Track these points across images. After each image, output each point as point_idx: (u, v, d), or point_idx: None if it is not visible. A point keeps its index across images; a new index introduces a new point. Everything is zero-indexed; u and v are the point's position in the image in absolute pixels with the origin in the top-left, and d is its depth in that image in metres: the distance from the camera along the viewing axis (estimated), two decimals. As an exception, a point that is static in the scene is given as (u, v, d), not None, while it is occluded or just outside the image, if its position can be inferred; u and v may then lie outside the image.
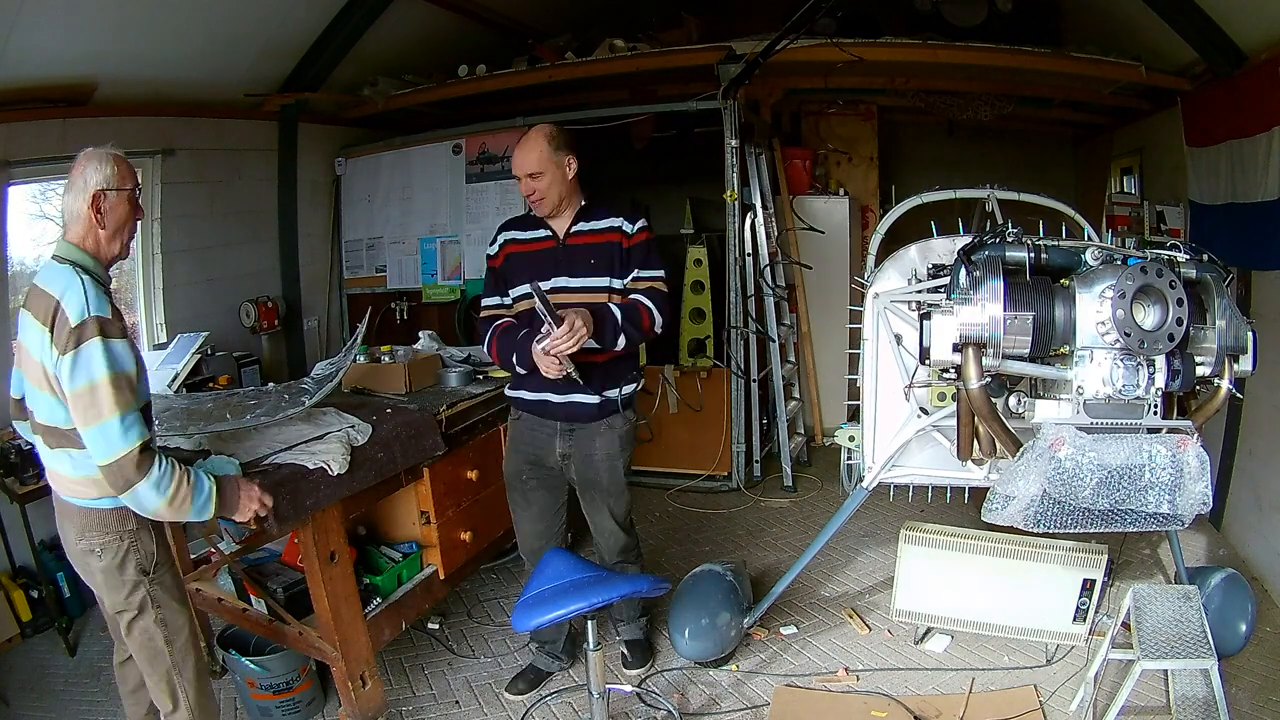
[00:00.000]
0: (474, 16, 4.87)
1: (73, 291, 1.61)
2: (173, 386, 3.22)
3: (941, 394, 2.40)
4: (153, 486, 1.62)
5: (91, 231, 1.72)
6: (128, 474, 1.59)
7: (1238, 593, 2.63)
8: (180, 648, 1.84)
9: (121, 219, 1.76)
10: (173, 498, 1.65)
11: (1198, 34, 3.44)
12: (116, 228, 1.75)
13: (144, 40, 3.46)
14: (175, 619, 1.83)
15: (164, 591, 1.81)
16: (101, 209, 1.72)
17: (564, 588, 2.03)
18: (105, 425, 1.57)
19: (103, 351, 1.58)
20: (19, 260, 3.58)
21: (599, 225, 2.46)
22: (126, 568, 1.76)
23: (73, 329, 1.58)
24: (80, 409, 1.59)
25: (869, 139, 5.78)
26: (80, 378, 1.58)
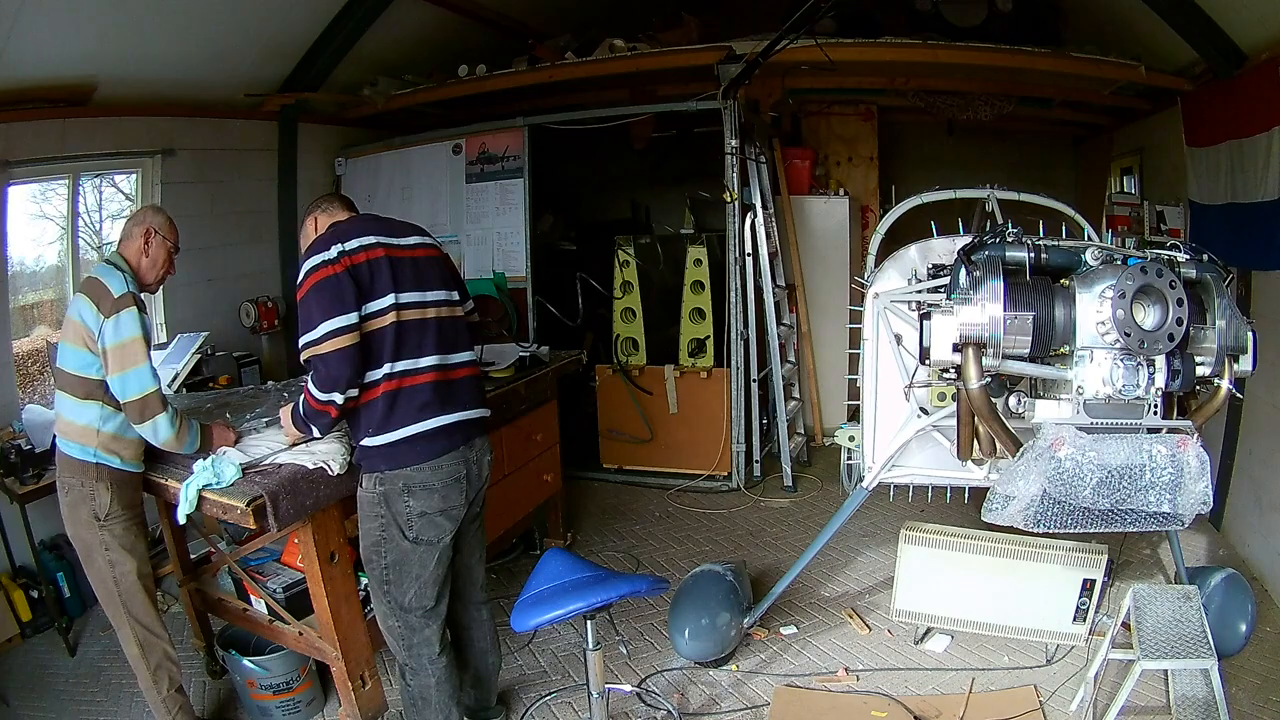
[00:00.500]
0: (474, 16, 4.87)
1: (117, 278, 2.14)
2: (173, 386, 3.21)
3: (941, 394, 2.40)
4: (168, 420, 2.11)
5: (138, 256, 2.26)
6: (153, 407, 2.08)
7: (1238, 593, 2.63)
8: (127, 587, 2.21)
9: (159, 260, 2.30)
10: (178, 432, 2.14)
11: (1198, 34, 3.44)
12: (153, 264, 2.28)
13: (144, 40, 3.46)
14: (123, 563, 2.20)
15: (113, 538, 2.18)
16: (150, 242, 2.27)
17: (563, 588, 2.03)
18: (139, 369, 2.08)
19: (138, 317, 2.11)
20: (19, 260, 3.58)
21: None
22: (80, 510, 2.16)
23: (115, 299, 2.09)
24: (119, 357, 2.06)
25: (869, 139, 5.78)
26: (122, 333, 2.07)
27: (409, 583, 2.11)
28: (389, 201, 5.06)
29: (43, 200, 3.67)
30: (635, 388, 4.72)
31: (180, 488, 2.08)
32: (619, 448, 4.82)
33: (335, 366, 1.92)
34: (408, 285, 2.06)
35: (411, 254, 2.13)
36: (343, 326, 1.92)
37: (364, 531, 2.13)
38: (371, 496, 2.08)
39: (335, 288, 1.94)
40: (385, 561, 2.11)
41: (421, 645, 2.17)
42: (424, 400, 2.06)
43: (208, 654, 2.83)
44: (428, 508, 2.07)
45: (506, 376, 3.19)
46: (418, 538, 2.08)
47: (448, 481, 2.09)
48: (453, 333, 2.17)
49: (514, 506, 3.27)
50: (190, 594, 2.78)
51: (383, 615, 2.19)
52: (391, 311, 2.01)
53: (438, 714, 2.23)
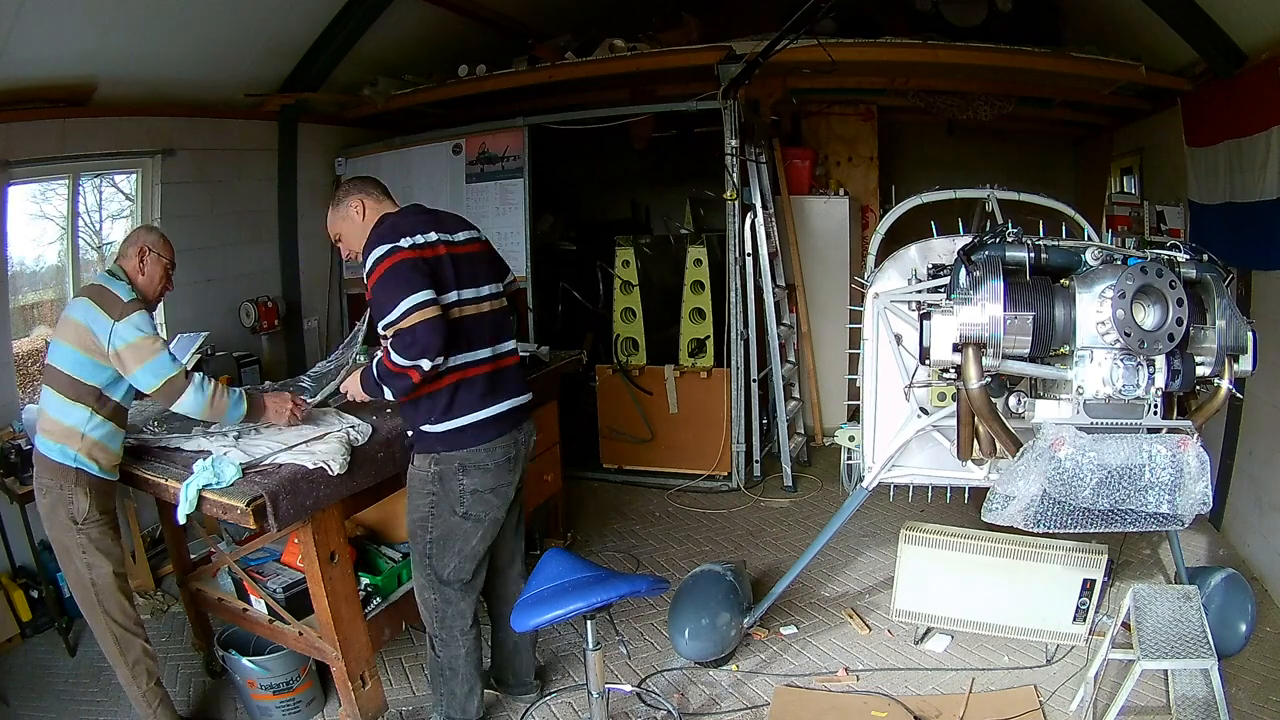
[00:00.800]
0: (474, 16, 4.87)
1: (124, 286, 2.23)
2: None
3: (941, 394, 2.40)
4: (196, 388, 2.18)
5: (136, 272, 2.32)
6: (179, 385, 2.16)
7: (1238, 593, 2.63)
8: (103, 588, 2.25)
9: (155, 277, 2.36)
10: (212, 397, 2.21)
11: (1198, 34, 3.44)
12: (150, 281, 2.34)
13: (144, 40, 3.46)
14: (99, 565, 2.23)
15: (89, 541, 2.21)
16: (145, 260, 2.33)
17: (563, 587, 2.03)
18: (158, 358, 2.15)
19: (147, 317, 2.20)
20: (19, 260, 3.58)
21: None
22: (58, 513, 2.20)
23: (125, 304, 2.17)
24: (135, 354, 2.13)
25: (869, 139, 5.78)
26: (134, 333, 2.14)
27: (451, 556, 2.22)
28: (389, 201, 5.06)
29: (43, 200, 3.67)
30: (635, 388, 4.72)
31: (180, 488, 2.09)
32: (619, 448, 4.82)
33: (424, 335, 1.98)
34: (466, 282, 2.18)
35: (466, 250, 2.24)
36: (425, 300, 2.00)
37: (412, 506, 2.23)
38: (426, 474, 2.18)
39: (413, 269, 2.03)
40: (431, 536, 2.21)
41: (455, 617, 2.28)
42: (482, 390, 2.18)
43: (208, 654, 2.82)
44: (480, 485, 2.19)
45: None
46: (467, 513, 2.20)
47: (500, 462, 2.22)
48: (503, 323, 2.30)
49: (514, 506, 3.27)
50: (190, 594, 2.77)
51: (420, 588, 2.30)
52: (455, 307, 2.12)
53: (464, 684, 2.34)
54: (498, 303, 2.29)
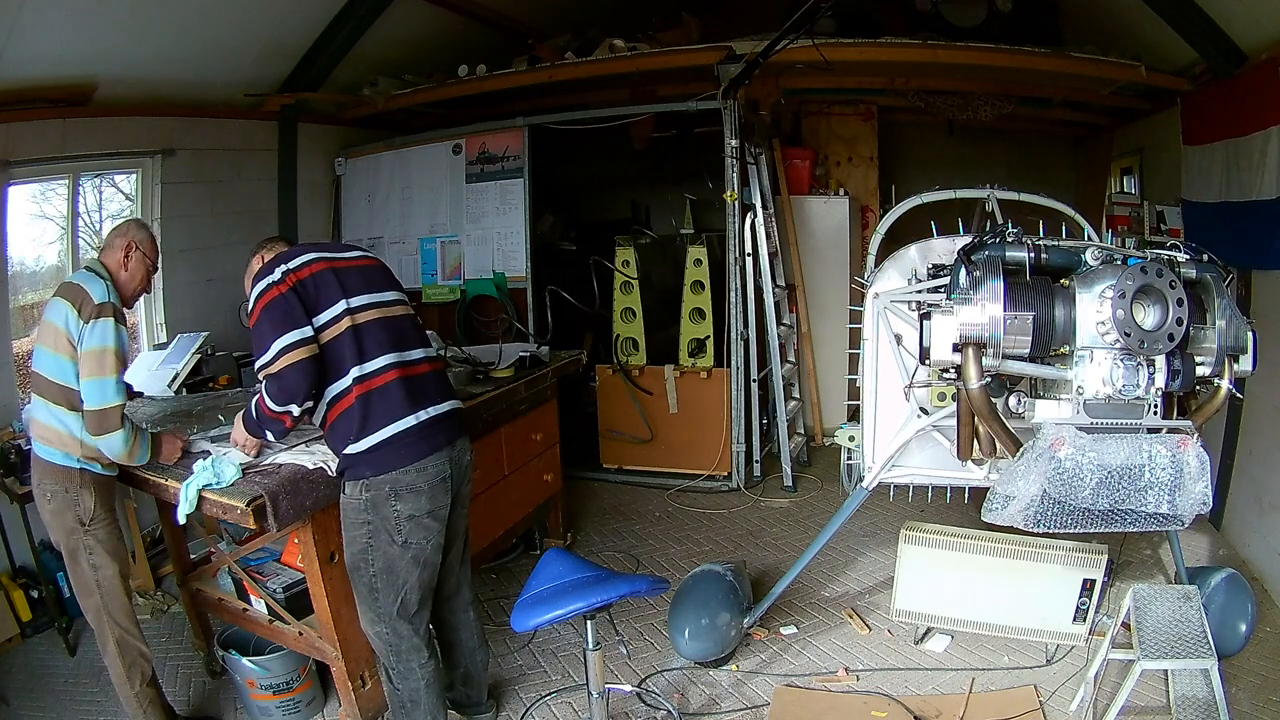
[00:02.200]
0: (474, 16, 4.87)
1: (98, 285, 2.14)
2: (173, 386, 3.21)
3: (941, 394, 2.40)
4: (123, 437, 2.10)
5: (117, 267, 2.26)
6: (111, 422, 2.07)
7: (1238, 593, 2.63)
8: (108, 590, 2.24)
9: (137, 275, 2.30)
10: (131, 449, 2.13)
11: (1198, 34, 3.44)
12: (131, 278, 2.28)
13: (144, 40, 3.46)
14: (105, 567, 2.23)
15: (96, 542, 2.21)
16: (129, 256, 2.27)
17: (563, 588, 2.03)
18: (106, 380, 2.06)
19: (114, 328, 2.10)
20: (19, 260, 3.58)
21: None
22: (65, 516, 2.18)
23: (96, 306, 2.09)
24: (90, 364, 2.06)
25: (869, 139, 5.78)
26: (96, 340, 2.06)
27: (396, 590, 2.11)
28: (389, 201, 5.07)
29: (43, 200, 3.67)
30: (635, 388, 4.72)
31: (180, 488, 2.09)
32: (619, 448, 4.82)
33: (291, 380, 1.95)
34: (358, 289, 2.10)
35: (354, 264, 2.18)
36: (295, 341, 1.95)
37: (349, 539, 2.11)
38: (357, 503, 2.06)
39: (283, 306, 1.98)
40: (373, 569, 2.09)
41: (410, 651, 2.17)
42: (396, 399, 2.06)
43: (208, 654, 2.82)
44: (416, 510, 2.07)
45: (507, 376, 3.20)
46: (407, 541, 2.08)
47: (434, 482, 2.09)
48: (411, 329, 2.21)
49: (514, 506, 3.27)
50: (190, 594, 2.78)
51: (369, 622, 2.18)
52: (346, 317, 2.05)
53: (426, 715, 2.23)
54: (404, 308, 2.23)
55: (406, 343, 2.16)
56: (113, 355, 2.07)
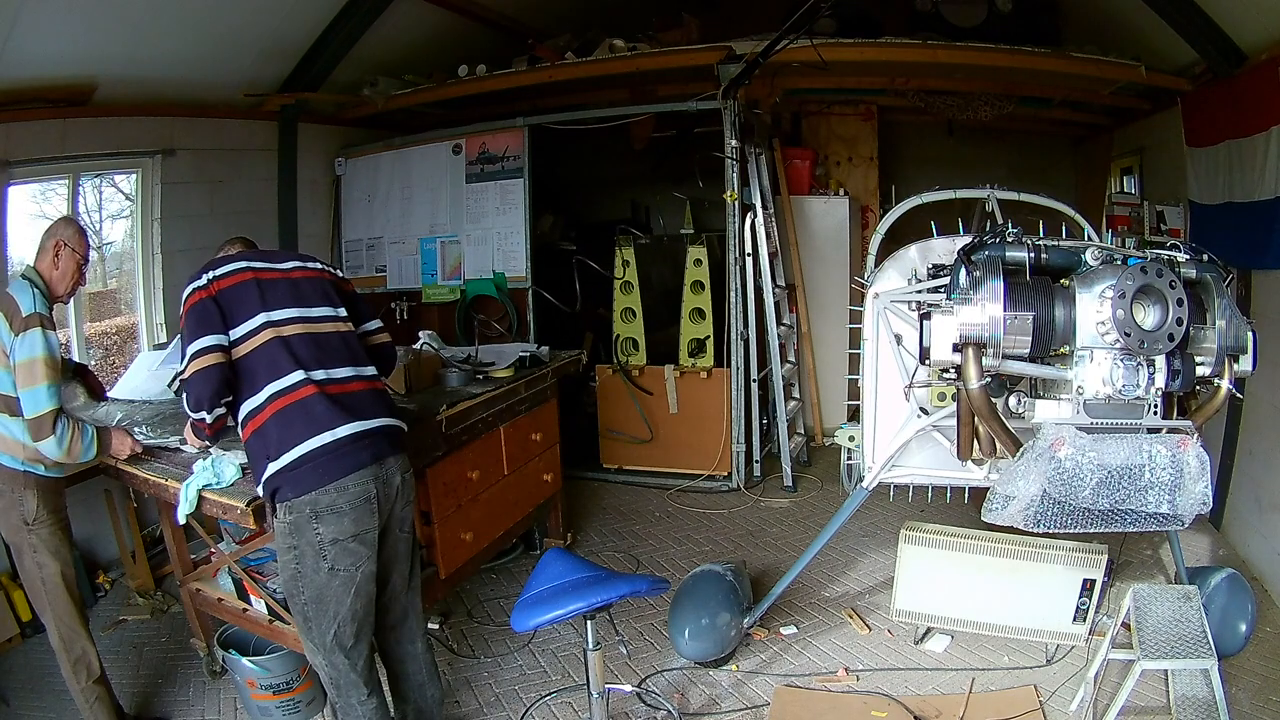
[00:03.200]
0: (474, 16, 4.87)
1: (26, 295, 2.21)
2: (173, 386, 3.20)
3: (941, 394, 2.40)
4: (56, 441, 2.17)
5: (49, 269, 2.32)
6: (45, 427, 2.15)
7: (1238, 593, 2.63)
8: (52, 588, 2.32)
9: (69, 272, 2.34)
10: (69, 449, 2.20)
11: (1198, 34, 3.44)
12: (63, 276, 2.34)
13: (144, 40, 3.45)
14: (47, 565, 2.31)
15: (40, 541, 2.29)
16: (59, 255, 2.32)
17: (563, 588, 2.03)
18: (37, 389, 2.14)
19: (42, 336, 2.16)
20: (19, 260, 3.57)
21: None
22: (10, 515, 2.28)
23: (23, 318, 2.16)
24: (23, 375, 2.14)
25: (869, 139, 5.78)
26: (25, 352, 2.14)
27: (329, 620, 1.98)
28: (389, 201, 5.07)
29: (43, 200, 3.66)
30: (635, 388, 4.72)
31: (180, 488, 2.09)
32: (619, 448, 4.82)
33: (197, 386, 1.94)
34: (281, 303, 2.05)
35: (286, 275, 2.13)
36: (205, 347, 1.95)
37: (280, 565, 2.01)
38: (282, 527, 1.94)
39: (201, 312, 2.00)
40: (304, 597, 1.97)
41: (349, 687, 2.05)
42: (313, 414, 1.95)
43: (208, 654, 2.82)
44: (339, 533, 1.93)
45: (506, 376, 3.20)
46: (333, 567, 1.95)
47: (356, 503, 1.95)
48: (339, 345, 2.10)
49: (514, 506, 3.27)
50: (190, 594, 2.77)
51: (309, 652, 2.08)
52: (266, 329, 1.99)
53: None
54: (337, 325, 2.13)
55: (331, 359, 2.05)
56: (42, 364, 2.14)
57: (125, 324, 4.17)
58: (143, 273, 4.05)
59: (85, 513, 3.44)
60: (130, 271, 4.09)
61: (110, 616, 3.31)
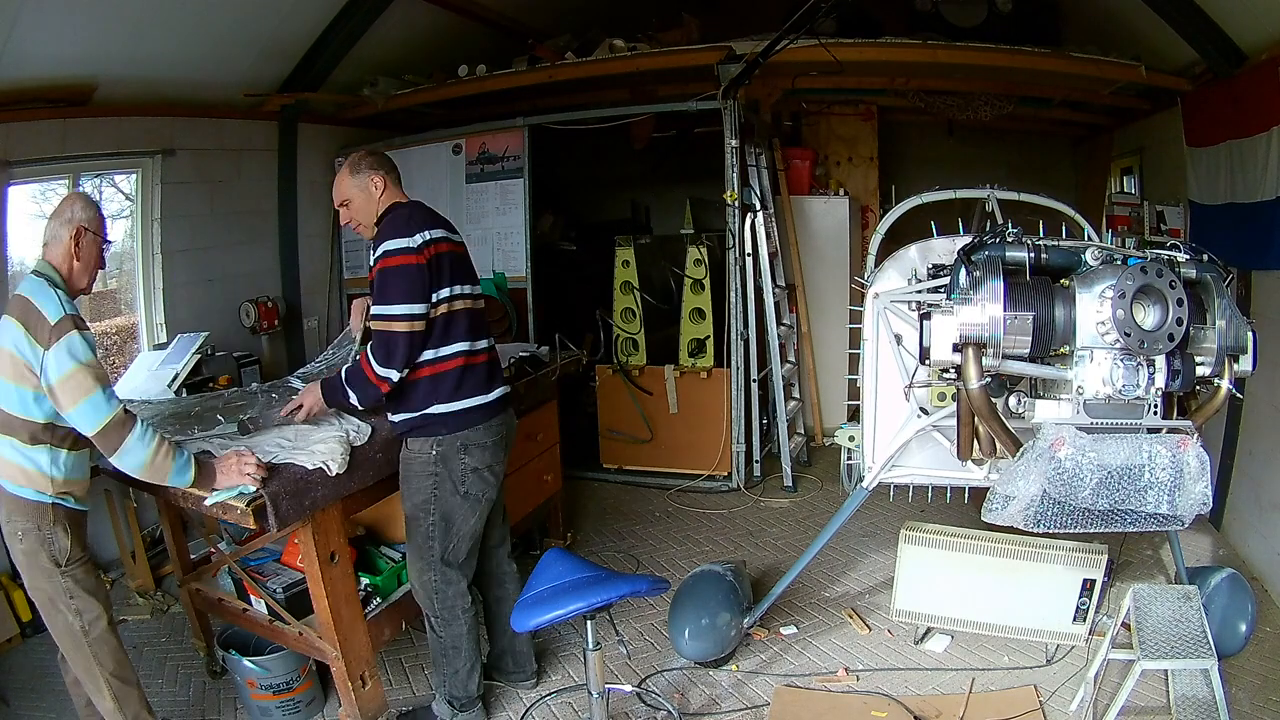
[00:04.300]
0: (474, 16, 4.87)
1: (48, 297, 1.90)
2: (173, 386, 3.21)
3: (941, 394, 2.40)
4: (138, 439, 1.89)
5: (68, 260, 1.99)
6: (119, 432, 1.87)
7: (1238, 593, 2.63)
8: (97, 636, 2.02)
9: (92, 260, 2.04)
10: (155, 453, 1.91)
11: (1198, 34, 3.44)
12: (85, 266, 2.03)
13: (144, 40, 3.46)
14: (90, 610, 2.01)
15: (76, 584, 1.99)
16: (80, 243, 1.99)
17: (563, 588, 2.03)
18: (92, 398, 1.86)
19: (81, 341, 1.87)
20: (19, 260, 3.58)
21: (373, 251, 2.23)
22: (39, 558, 1.96)
23: (53, 326, 1.85)
24: (68, 391, 1.84)
25: (869, 139, 5.78)
26: (67, 363, 1.84)
27: (452, 535, 2.31)
28: (389, 201, 5.06)
29: (43, 200, 3.66)
30: (635, 388, 4.72)
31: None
32: (619, 448, 4.82)
33: (403, 346, 2.14)
34: (464, 278, 2.33)
35: (462, 250, 2.39)
36: (417, 314, 2.15)
37: (414, 490, 2.29)
38: (427, 456, 2.26)
39: (417, 276, 2.15)
40: (433, 517, 2.28)
41: (456, 596, 2.36)
42: (483, 376, 2.34)
43: (208, 654, 2.83)
44: (480, 463, 2.30)
45: (506, 377, 3.19)
46: (468, 492, 2.29)
47: (496, 440, 2.36)
48: (484, 322, 2.44)
49: (514, 506, 3.25)
50: (190, 594, 2.77)
51: (419, 571, 2.35)
52: (458, 300, 2.27)
53: (466, 661, 2.41)
54: (480, 303, 2.42)
55: (482, 332, 2.40)
56: (85, 371, 1.86)
57: (125, 324, 4.18)
58: (143, 273, 4.05)
59: (85, 513, 3.44)
60: (130, 271, 4.10)
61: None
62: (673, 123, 5.06)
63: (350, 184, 2.33)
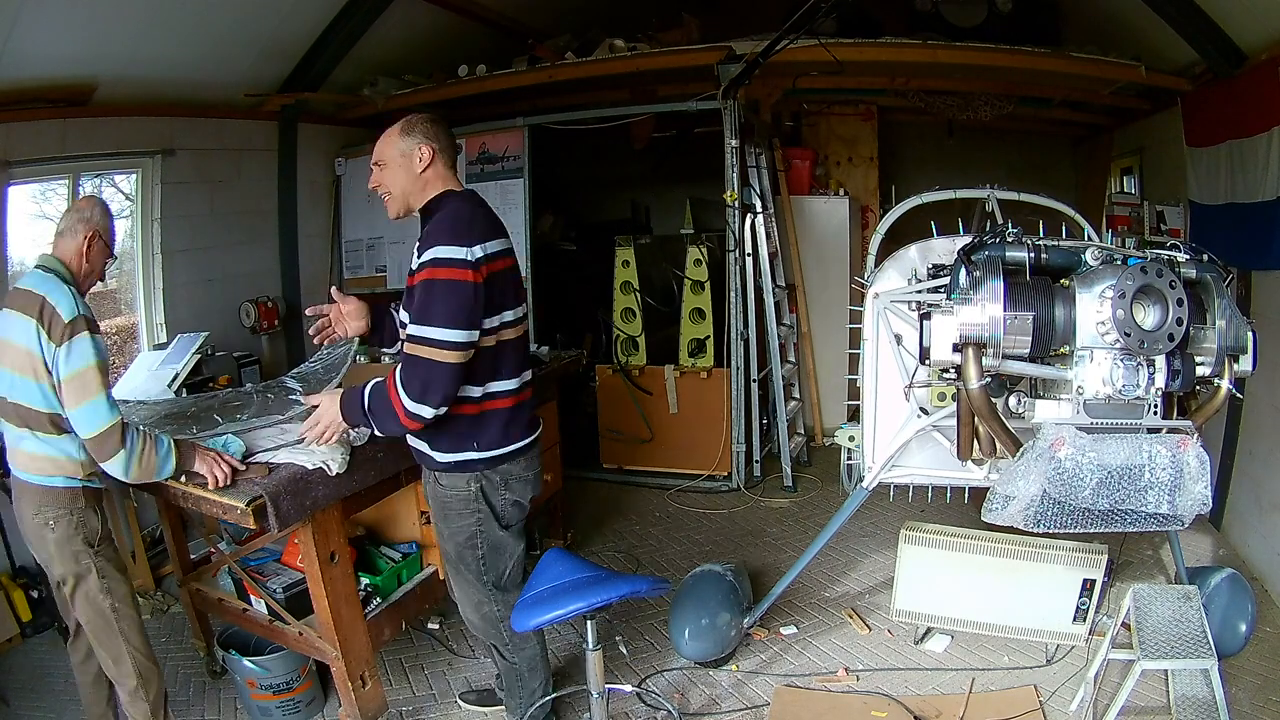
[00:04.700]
0: (474, 16, 4.87)
1: (62, 294, 1.93)
2: (173, 386, 3.20)
3: (941, 394, 2.40)
4: (126, 456, 1.94)
5: (78, 258, 2.05)
6: (114, 442, 1.92)
7: (1238, 593, 2.63)
8: (125, 614, 2.10)
9: (97, 264, 2.10)
10: (141, 460, 1.97)
11: (1198, 34, 3.44)
12: (91, 270, 2.09)
13: (144, 40, 3.45)
14: (119, 587, 2.10)
15: (107, 562, 2.08)
16: (92, 246, 2.06)
17: (563, 588, 2.03)
18: (95, 402, 1.90)
19: (92, 343, 1.92)
20: (19, 260, 3.58)
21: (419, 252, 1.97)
22: (74, 540, 2.02)
23: (67, 324, 1.90)
24: (74, 390, 1.89)
25: (869, 139, 5.78)
26: (76, 363, 1.89)
27: (505, 563, 2.22)
28: (389, 201, 5.06)
29: (43, 200, 3.66)
30: (635, 388, 4.72)
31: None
32: (619, 448, 4.82)
33: (444, 380, 1.85)
34: (514, 301, 2.09)
35: (514, 265, 2.13)
36: (464, 342, 1.87)
37: (455, 529, 2.15)
38: (467, 493, 2.10)
39: (472, 297, 1.87)
40: (481, 551, 2.17)
41: None
42: (528, 414, 2.18)
43: (208, 654, 2.82)
44: (521, 496, 2.20)
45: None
46: (508, 524, 2.19)
47: (535, 472, 2.25)
48: (528, 351, 2.25)
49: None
50: (190, 594, 2.77)
51: (477, 604, 2.24)
52: (509, 329, 2.05)
53: (541, 677, 2.36)
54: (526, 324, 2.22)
55: (529, 361, 2.22)
56: (95, 372, 1.90)
57: (125, 324, 4.17)
58: (143, 273, 4.05)
59: (85, 513, 3.44)
60: (130, 271, 4.09)
61: (110, 616, 3.30)
62: (673, 123, 5.05)
63: (395, 145, 2.05)
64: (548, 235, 5.63)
